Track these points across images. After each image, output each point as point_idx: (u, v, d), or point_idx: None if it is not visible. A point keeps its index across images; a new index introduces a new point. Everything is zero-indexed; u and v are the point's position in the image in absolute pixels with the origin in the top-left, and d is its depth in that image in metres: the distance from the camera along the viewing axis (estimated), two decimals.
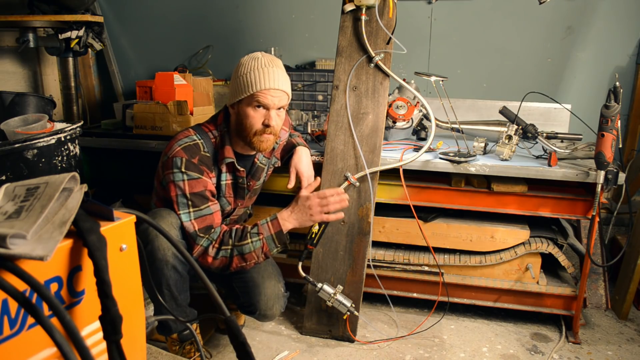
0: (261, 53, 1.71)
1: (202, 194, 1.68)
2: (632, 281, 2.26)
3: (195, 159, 1.69)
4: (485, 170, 2.04)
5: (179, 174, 1.66)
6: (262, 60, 1.68)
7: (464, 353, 2.03)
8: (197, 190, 1.67)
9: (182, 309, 1.73)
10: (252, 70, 1.66)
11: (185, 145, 1.69)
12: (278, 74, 1.67)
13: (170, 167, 1.68)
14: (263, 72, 1.65)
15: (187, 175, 1.66)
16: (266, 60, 1.68)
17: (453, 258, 2.20)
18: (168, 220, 1.65)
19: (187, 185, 1.66)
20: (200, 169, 1.69)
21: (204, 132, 1.77)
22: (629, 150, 2.89)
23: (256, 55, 1.70)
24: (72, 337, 0.76)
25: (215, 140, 1.77)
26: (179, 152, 1.68)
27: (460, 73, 3.04)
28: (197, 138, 1.73)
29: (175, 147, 1.69)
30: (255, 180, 1.92)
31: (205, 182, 1.70)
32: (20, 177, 1.77)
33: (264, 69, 1.66)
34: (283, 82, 1.68)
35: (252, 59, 1.69)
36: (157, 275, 1.65)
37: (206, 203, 1.69)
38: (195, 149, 1.70)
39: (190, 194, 1.66)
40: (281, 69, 1.70)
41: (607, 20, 2.81)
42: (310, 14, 3.18)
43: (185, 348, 1.85)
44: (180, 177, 1.66)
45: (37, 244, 0.81)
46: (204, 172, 1.70)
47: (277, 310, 1.85)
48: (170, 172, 1.67)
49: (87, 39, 2.71)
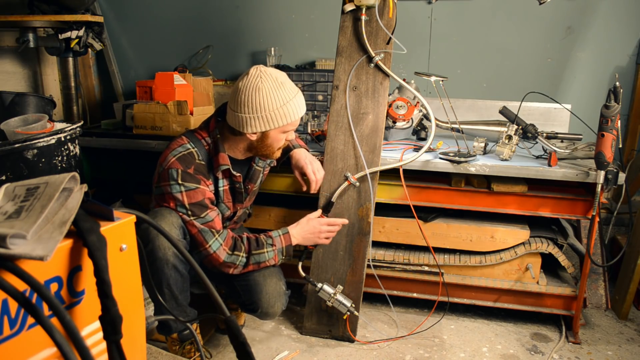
0: (269, 72, 1.67)
1: (201, 203, 1.70)
2: (632, 281, 2.26)
3: (191, 169, 1.69)
4: (485, 170, 2.04)
5: (176, 186, 1.67)
6: (286, 88, 1.67)
7: (464, 353, 2.03)
8: (195, 200, 1.69)
9: (182, 309, 1.73)
10: (285, 104, 1.66)
11: (179, 155, 1.70)
12: (302, 97, 1.73)
13: (166, 179, 1.68)
14: (294, 104, 1.69)
15: (184, 186, 1.68)
16: (288, 87, 1.68)
17: (453, 258, 2.20)
18: (169, 219, 1.66)
19: (185, 197, 1.68)
20: (197, 179, 1.70)
21: (197, 140, 1.77)
22: (629, 150, 2.89)
23: (271, 77, 1.66)
24: (72, 337, 0.76)
25: (208, 147, 1.78)
26: (174, 163, 1.68)
27: (460, 73, 3.04)
28: (190, 146, 1.74)
29: (170, 158, 1.70)
30: (253, 183, 1.94)
31: (203, 190, 1.71)
32: (20, 177, 1.77)
33: (294, 100, 1.69)
34: (304, 102, 1.75)
35: (275, 88, 1.65)
36: (157, 274, 1.65)
37: (205, 211, 1.71)
38: (189, 158, 1.71)
39: (189, 205, 1.68)
40: (299, 90, 1.74)
41: (607, 20, 2.81)
42: (310, 14, 3.18)
43: (186, 348, 1.85)
44: (177, 189, 1.67)
45: (37, 244, 0.81)
46: (201, 181, 1.71)
47: (279, 308, 1.85)
48: (167, 184, 1.68)
49: (87, 39, 2.71)
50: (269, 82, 1.64)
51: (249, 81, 1.64)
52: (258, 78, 1.64)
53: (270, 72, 1.67)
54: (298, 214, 2.30)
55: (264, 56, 3.17)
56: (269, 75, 1.65)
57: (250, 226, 2.29)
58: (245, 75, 1.67)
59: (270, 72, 1.67)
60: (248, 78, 1.65)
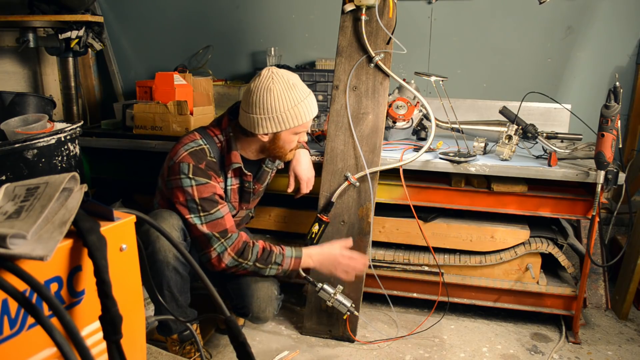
0: (281, 73, 1.66)
1: (212, 198, 1.69)
2: (632, 281, 2.26)
3: (202, 164, 1.69)
4: (485, 170, 2.04)
5: (187, 180, 1.66)
6: (297, 90, 1.66)
7: (464, 353, 2.03)
8: (206, 195, 1.68)
9: (182, 310, 1.73)
10: (296, 106, 1.66)
11: (191, 150, 1.69)
12: (314, 98, 1.73)
13: (177, 172, 1.68)
14: (305, 106, 1.68)
15: (195, 180, 1.67)
16: (299, 89, 1.67)
17: (453, 258, 2.20)
18: (169, 221, 1.65)
19: (195, 191, 1.67)
20: (207, 174, 1.69)
21: (210, 137, 1.76)
22: (629, 150, 2.89)
23: (283, 78, 1.65)
24: (72, 337, 0.76)
25: (221, 145, 1.78)
26: (186, 157, 1.68)
27: (460, 73, 3.04)
28: (203, 143, 1.73)
29: (181, 152, 1.69)
30: (261, 184, 1.95)
31: (213, 186, 1.70)
32: (20, 177, 1.77)
33: (306, 101, 1.68)
34: (316, 104, 1.75)
35: (286, 90, 1.64)
36: (158, 276, 1.65)
37: (216, 207, 1.69)
38: (201, 154, 1.70)
39: (199, 199, 1.67)
40: (311, 92, 1.73)
41: (607, 20, 2.81)
42: (310, 14, 3.18)
43: (186, 348, 1.85)
44: (188, 183, 1.67)
45: (37, 244, 0.81)
46: (212, 177, 1.70)
47: (270, 313, 1.84)
48: (177, 177, 1.67)
49: (87, 39, 2.71)
50: (281, 84, 1.64)
51: (261, 82, 1.64)
52: (270, 79, 1.64)
53: (282, 73, 1.67)
54: (298, 214, 2.30)
55: (264, 56, 3.17)
56: (281, 77, 1.65)
57: (250, 226, 2.29)
58: (258, 76, 1.67)
59: (282, 73, 1.66)
60: (260, 79, 1.65)
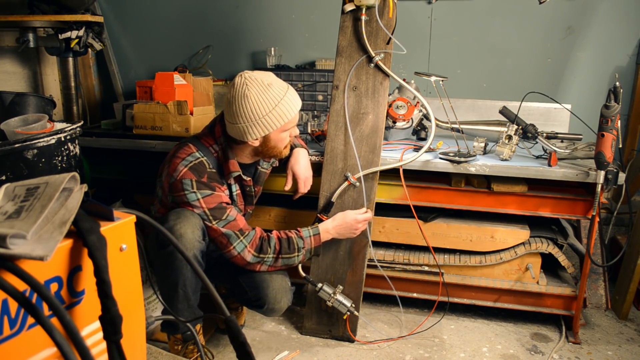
0: (254, 77, 1.65)
1: (220, 207, 1.71)
2: (632, 281, 2.26)
3: (204, 178, 1.70)
4: (485, 170, 2.04)
5: (192, 194, 1.68)
6: (274, 89, 1.65)
7: (464, 353, 2.03)
8: (213, 205, 1.69)
9: (192, 310, 1.74)
10: (277, 105, 1.65)
11: (190, 165, 1.70)
12: (294, 92, 1.72)
13: (180, 189, 1.69)
14: (286, 102, 1.67)
15: (201, 193, 1.68)
16: (276, 87, 1.66)
17: (453, 258, 2.20)
18: (192, 221, 1.66)
19: (203, 203, 1.68)
20: (212, 186, 1.71)
21: (205, 147, 1.77)
22: (629, 150, 2.89)
23: (257, 81, 1.64)
24: (72, 337, 0.76)
25: (217, 154, 1.79)
26: (186, 173, 1.68)
27: (460, 73, 3.04)
28: (200, 155, 1.74)
29: (181, 168, 1.69)
30: (260, 185, 1.98)
31: (219, 195, 1.72)
32: (20, 177, 1.77)
33: (286, 97, 1.67)
34: (298, 96, 1.73)
35: (263, 92, 1.64)
36: (174, 274, 1.66)
37: (225, 212, 1.71)
38: (201, 167, 1.71)
39: (209, 210, 1.69)
40: (289, 86, 1.72)
41: (607, 20, 2.80)
42: (310, 14, 3.18)
43: (188, 348, 1.85)
44: (194, 197, 1.68)
45: (37, 244, 0.81)
46: (216, 187, 1.72)
47: (285, 303, 1.85)
48: (182, 194, 1.69)
49: (87, 39, 2.71)
50: (256, 87, 1.64)
51: (236, 91, 1.65)
52: (244, 86, 1.64)
53: (255, 76, 1.66)
54: (298, 214, 2.30)
55: (264, 56, 3.17)
56: (254, 80, 1.65)
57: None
58: (232, 86, 1.67)
59: (255, 76, 1.66)
60: (235, 88, 1.66)
